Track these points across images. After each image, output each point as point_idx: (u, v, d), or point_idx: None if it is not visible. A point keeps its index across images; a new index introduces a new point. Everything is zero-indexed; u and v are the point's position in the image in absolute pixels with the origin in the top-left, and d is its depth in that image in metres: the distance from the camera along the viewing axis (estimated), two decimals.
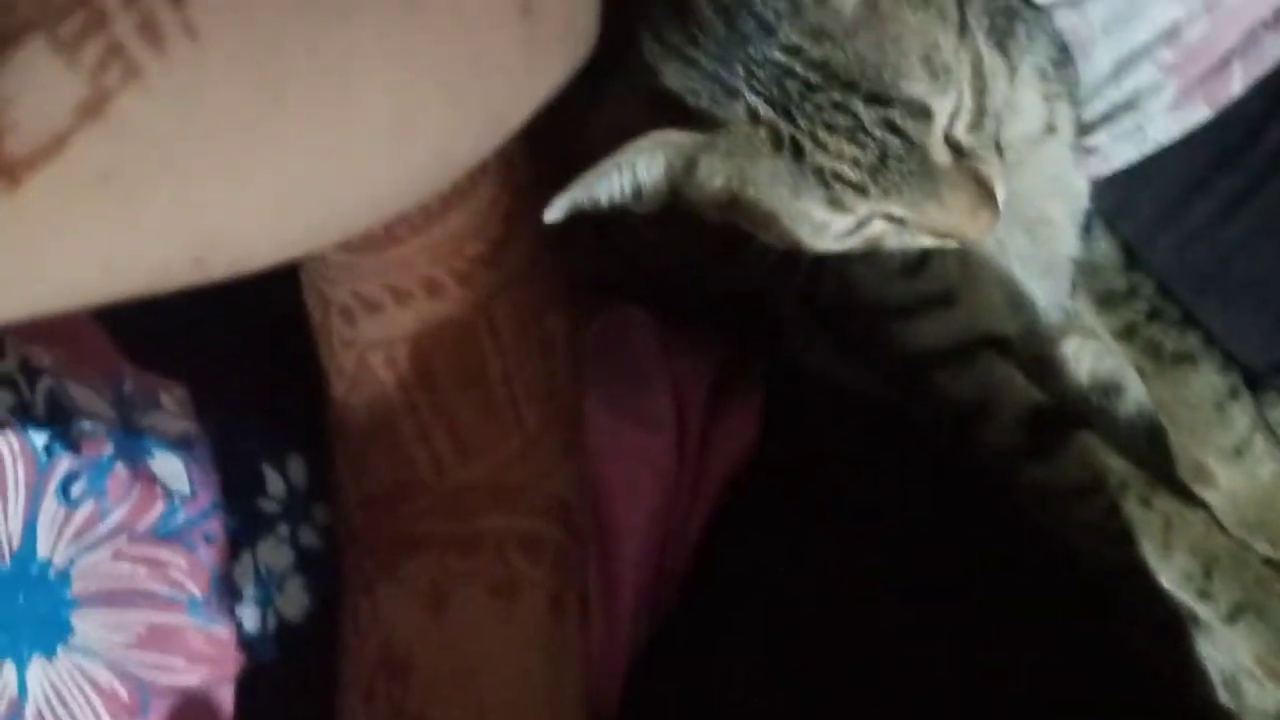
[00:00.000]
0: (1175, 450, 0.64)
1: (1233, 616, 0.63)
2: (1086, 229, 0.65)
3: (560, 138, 0.49)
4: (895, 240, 0.54)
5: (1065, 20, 0.58)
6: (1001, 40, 0.56)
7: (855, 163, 0.48)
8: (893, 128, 0.47)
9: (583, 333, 0.60)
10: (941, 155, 0.49)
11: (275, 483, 0.51)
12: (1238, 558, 0.63)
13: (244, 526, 0.49)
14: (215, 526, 0.48)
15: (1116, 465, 0.65)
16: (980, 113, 0.50)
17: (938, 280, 0.64)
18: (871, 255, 0.58)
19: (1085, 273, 0.66)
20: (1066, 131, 0.60)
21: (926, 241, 0.53)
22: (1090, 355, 0.68)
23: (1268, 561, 0.63)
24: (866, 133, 0.47)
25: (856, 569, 0.64)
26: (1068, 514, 0.65)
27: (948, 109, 0.48)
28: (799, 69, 0.46)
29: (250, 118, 0.34)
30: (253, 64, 0.34)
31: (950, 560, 0.66)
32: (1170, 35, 0.55)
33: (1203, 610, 0.65)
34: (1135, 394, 0.67)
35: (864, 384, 0.71)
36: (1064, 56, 0.59)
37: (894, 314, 0.65)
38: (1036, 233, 0.64)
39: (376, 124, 0.37)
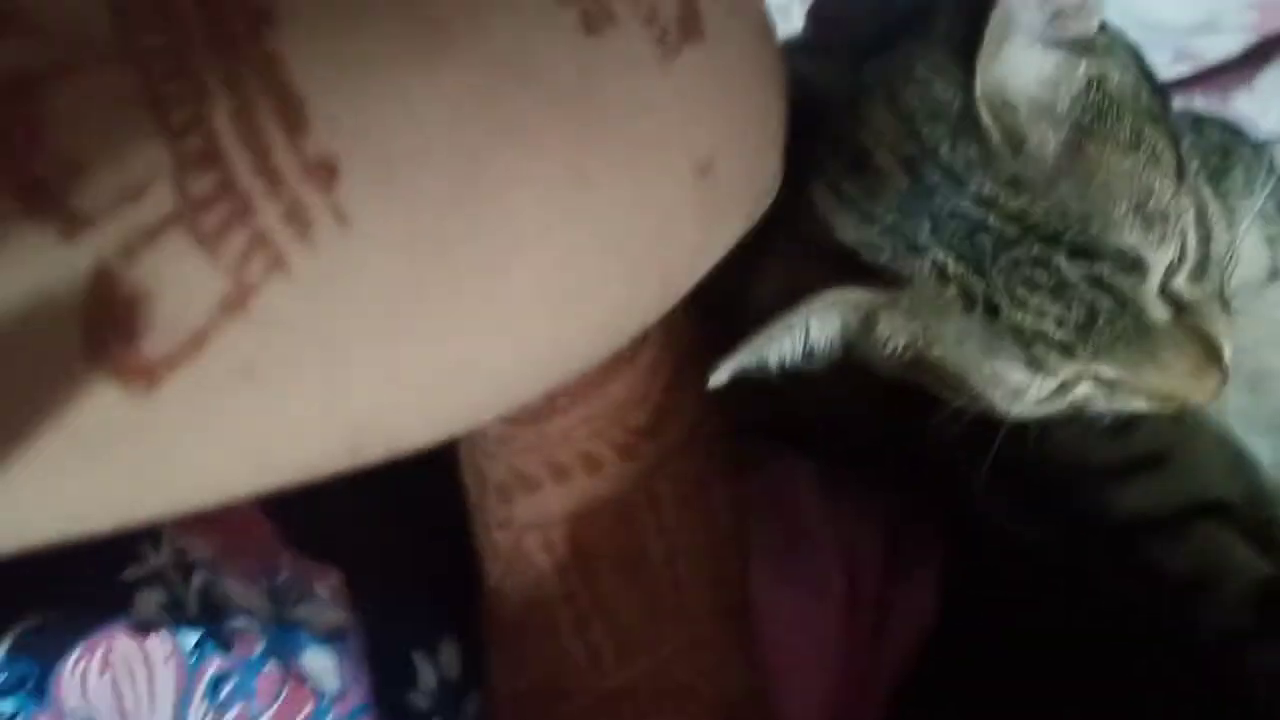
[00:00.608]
0: None
1: None
2: None
3: (725, 297, 0.46)
4: (1104, 404, 0.48)
5: None
6: (1218, 181, 0.51)
7: (1059, 322, 0.43)
8: (1101, 284, 0.42)
9: (744, 496, 0.55)
10: (1159, 311, 0.44)
11: (427, 674, 0.48)
12: None
13: None
14: None
15: None
16: (1204, 263, 0.45)
17: (1149, 441, 0.58)
18: (1077, 415, 0.53)
19: None
20: None
21: (1141, 405, 0.48)
22: None
23: None
24: (1072, 289, 0.42)
25: None
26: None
27: (1164, 261, 0.43)
28: (993, 222, 0.42)
29: (403, 299, 0.32)
30: (408, 246, 0.31)
31: None
32: None
33: None
34: None
35: (1065, 555, 0.64)
36: None
37: (1099, 476, 0.59)
38: (1259, 387, 0.57)
39: (541, 295, 0.35)
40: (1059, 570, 0.64)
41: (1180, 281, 0.44)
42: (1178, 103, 0.51)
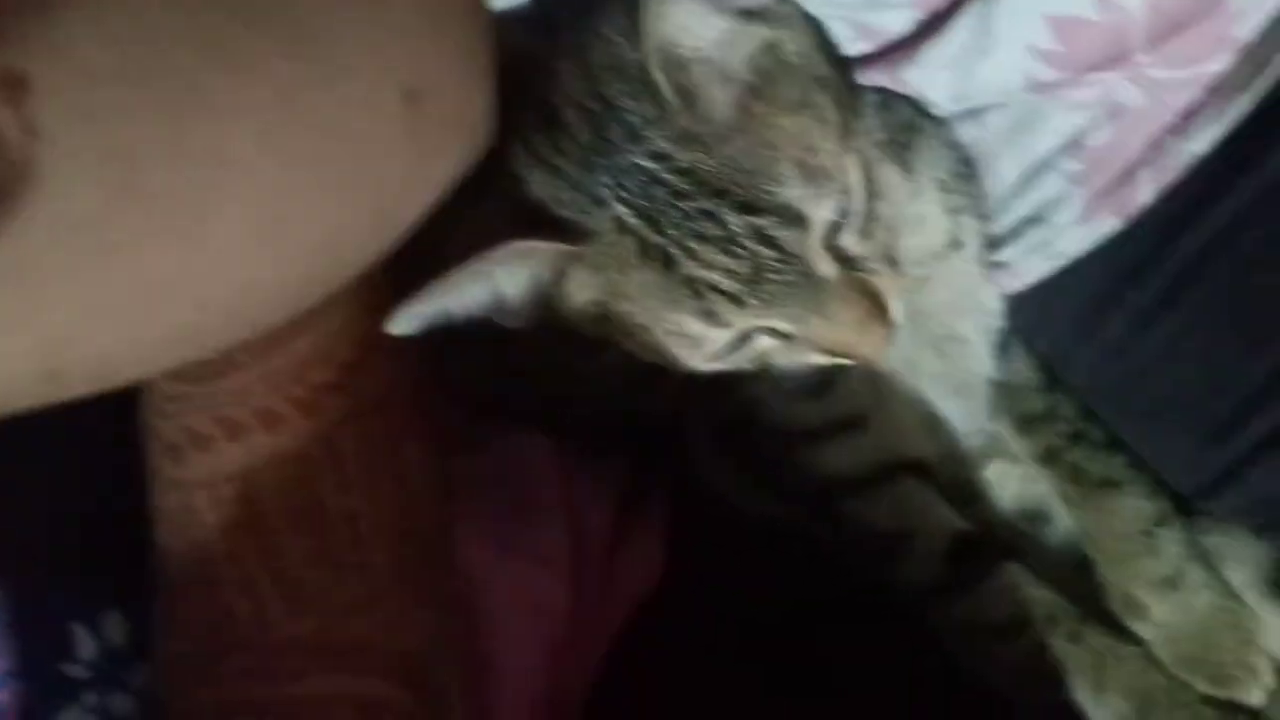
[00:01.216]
0: (1103, 582, 0.60)
1: None
2: (1003, 348, 0.62)
3: (424, 255, 0.46)
4: (785, 358, 0.50)
5: (967, 132, 0.56)
6: (900, 154, 0.54)
7: (729, 274, 0.44)
8: (766, 237, 0.43)
9: (457, 463, 0.55)
10: (826, 266, 0.46)
11: (86, 645, 0.45)
12: (1176, 697, 0.59)
13: (44, 695, 0.43)
14: (5, 698, 0.42)
15: (1044, 598, 0.61)
16: (870, 222, 0.47)
17: (846, 402, 0.60)
18: (777, 377, 0.55)
19: (1003, 394, 0.63)
20: (973, 246, 0.58)
21: (818, 359, 0.50)
22: (1015, 481, 0.65)
23: (1207, 700, 0.58)
24: (739, 242, 0.43)
25: (764, 701, 0.59)
26: (993, 652, 0.61)
27: (824, 216, 0.45)
28: (667, 176, 0.43)
29: (98, 215, 0.31)
30: (105, 162, 0.31)
31: (869, 697, 0.61)
32: (1074, 145, 0.53)
33: None
34: (1062, 522, 0.64)
35: (778, 513, 0.67)
36: (968, 169, 0.57)
37: (802, 438, 0.61)
38: (947, 351, 0.60)
39: (247, 218, 0.35)
40: (778, 534, 0.66)
41: (847, 239, 0.47)
42: (866, 79, 0.54)
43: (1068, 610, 0.60)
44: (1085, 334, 0.56)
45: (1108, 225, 0.53)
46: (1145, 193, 0.52)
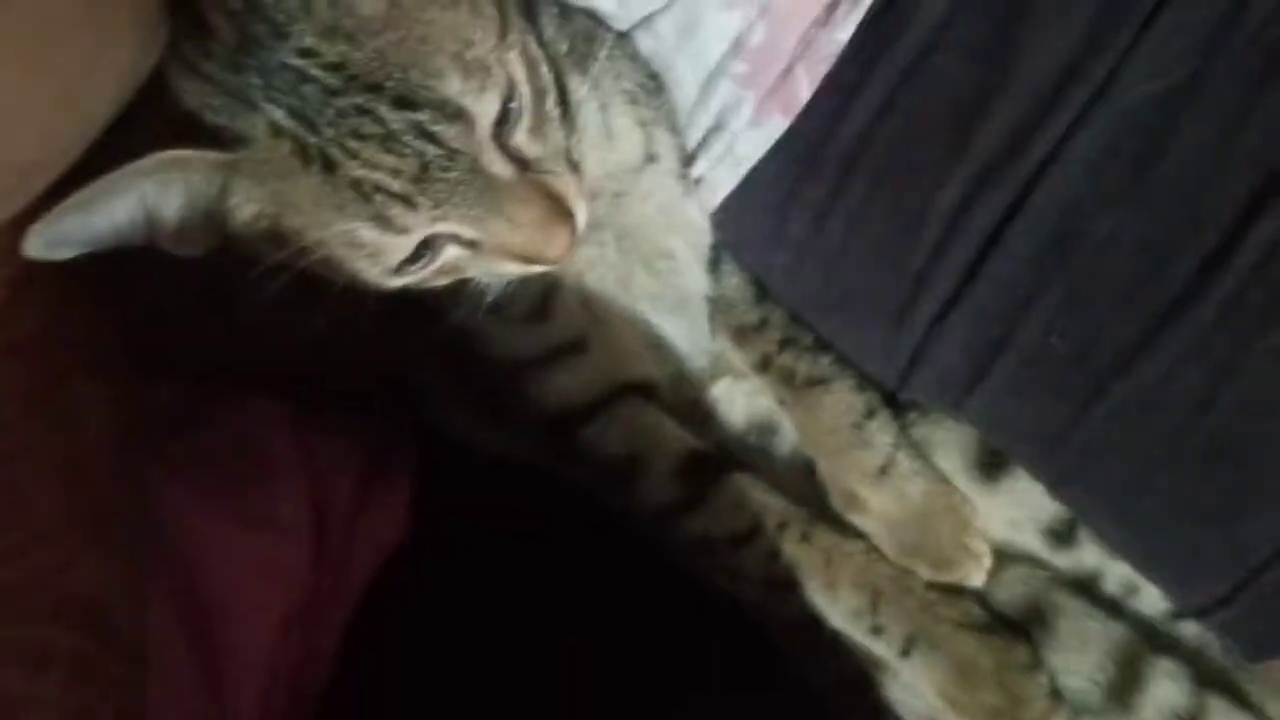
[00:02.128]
0: (823, 480, 0.62)
1: (906, 650, 0.60)
2: (714, 264, 0.63)
3: None
4: (479, 271, 0.50)
5: (645, 44, 0.56)
6: (583, 63, 0.54)
7: (395, 173, 0.43)
8: (426, 133, 0.43)
9: (188, 436, 0.53)
10: (499, 166, 0.46)
11: None
12: (901, 585, 0.61)
13: None
14: None
15: (774, 505, 0.62)
16: (540, 121, 0.47)
17: (564, 326, 0.60)
18: (486, 300, 0.54)
19: (720, 309, 0.64)
20: (670, 160, 0.59)
21: (509, 269, 0.49)
22: (743, 396, 0.66)
23: (932, 586, 0.61)
24: (399, 138, 0.42)
25: (511, 642, 0.58)
26: (732, 564, 0.62)
27: (487, 112, 0.44)
28: (315, 72, 0.42)
29: None
30: None
31: (618, 631, 0.61)
32: (737, 46, 0.55)
33: (878, 648, 0.62)
34: (790, 433, 0.65)
35: (519, 451, 0.66)
36: (654, 83, 0.58)
37: (527, 367, 0.61)
38: (658, 268, 0.61)
39: None
40: (522, 476, 0.66)
41: (519, 138, 0.46)
42: None
43: (797, 515, 0.62)
44: (775, 240, 0.58)
45: (777, 124, 0.55)
46: (803, 87, 0.54)
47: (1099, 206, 0.49)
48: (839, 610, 0.61)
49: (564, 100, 0.49)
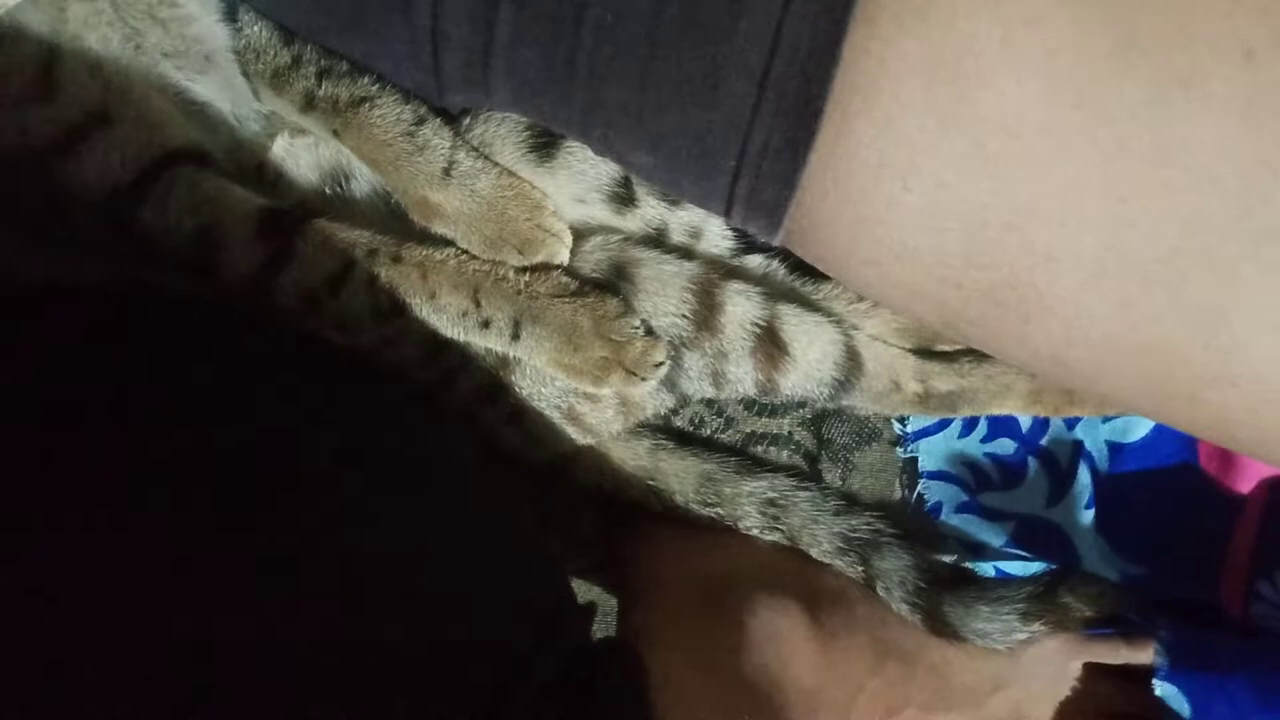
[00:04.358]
0: (396, 198, 0.63)
1: (515, 333, 0.64)
2: (231, 15, 0.61)
3: None
4: None
5: None
6: None
7: None
8: None
9: None
10: None
11: None
12: (496, 276, 0.64)
13: None
14: None
15: (360, 236, 0.63)
16: None
17: (78, 99, 0.57)
18: None
19: (252, 62, 0.62)
20: None
21: None
22: (305, 150, 0.66)
23: (523, 271, 0.65)
24: None
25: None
26: (337, 309, 0.63)
27: None
28: None
29: None
30: None
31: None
32: None
33: (492, 341, 0.65)
34: (365, 173, 0.66)
35: (91, 271, 0.63)
36: None
37: (51, 155, 0.57)
38: (165, 20, 0.59)
39: None
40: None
41: None
42: None
43: (384, 240, 0.64)
44: None
45: None
46: None
47: None
48: (448, 316, 0.64)
49: None
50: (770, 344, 0.69)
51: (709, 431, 0.82)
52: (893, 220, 0.50)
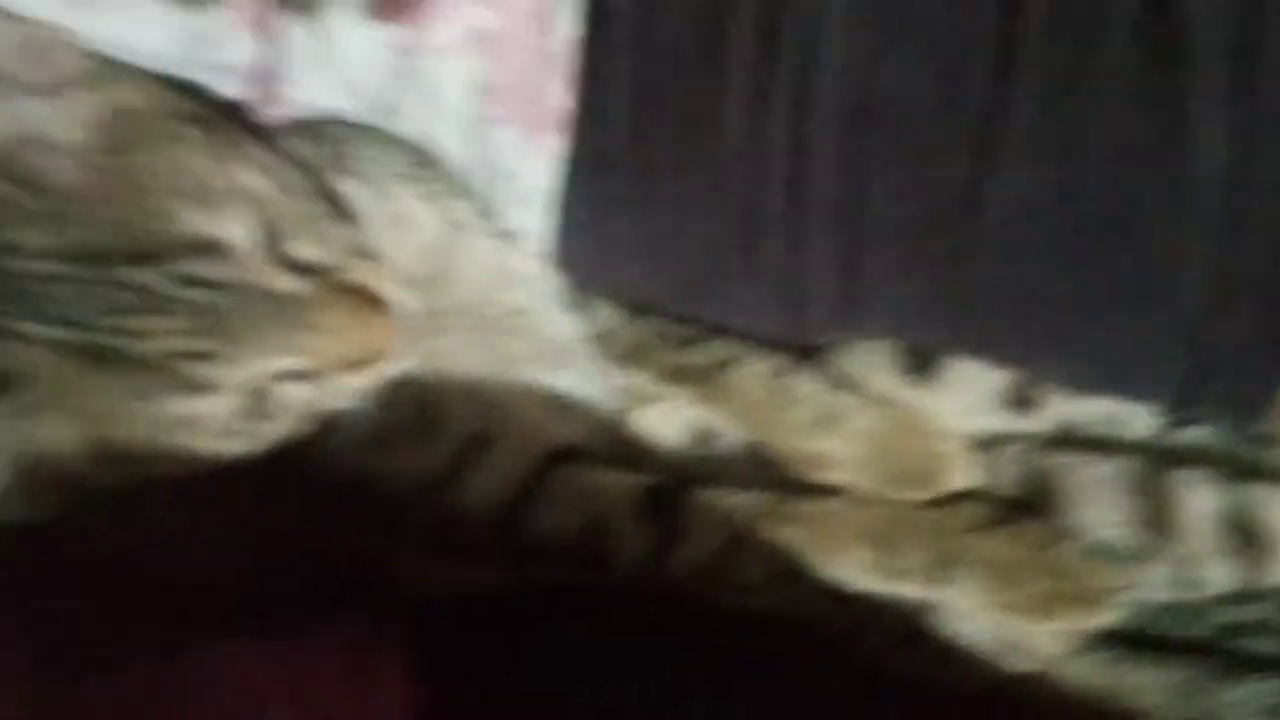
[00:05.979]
0: (777, 457, 0.58)
1: (935, 579, 0.57)
2: (578, 305, 0.60)
3: None
4: (333, 398, 0.46)
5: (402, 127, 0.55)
6: (341, 164, 0.52)
7: (178, 333, 0.40)
8: (187, 279, 0.39)
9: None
10: (286, 282, 0.43)
11: None
12: (901, 519, 0.57)
13: None
14: None
15: (745, 501, 0.59)
16: (310, 223, 0.44)
17: (459, 427, 0.57)
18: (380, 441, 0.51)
19: (604, 344, 0.61)
20: (474, 222, 0.56)
21: (358, 380, 0.46)
22: (664, 415, 0.63)
23: (928, 505, 0.57)
24: (162, 295, 0.39)
25: None
26: (731, 579, 0.58)
27: (240, 233, 0.41)
28: (31, 267, 0.39)
29: None
30: None
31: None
32: (482, 91, 0.53)
33: (909, 590, 0.58)
34: (729, 429, 0.62)
35: (484, 577, 0.62)
36: (424, 156, 0.56)
37: (436, 487, 0.57)
38: (517, 328, 0.58)
39: None
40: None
41: (297, 247, 0.44)
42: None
43: (770, 500, 0.59)
44: (610, 251, 0.56)
45: (553, 143, 0.53)
46: (557, 95, 0.52)
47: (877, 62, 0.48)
48: (855, 570, 0.58)
49: (331, 199, 0.46)
50: (1246, 535, 0.57)
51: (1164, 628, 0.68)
52: None
